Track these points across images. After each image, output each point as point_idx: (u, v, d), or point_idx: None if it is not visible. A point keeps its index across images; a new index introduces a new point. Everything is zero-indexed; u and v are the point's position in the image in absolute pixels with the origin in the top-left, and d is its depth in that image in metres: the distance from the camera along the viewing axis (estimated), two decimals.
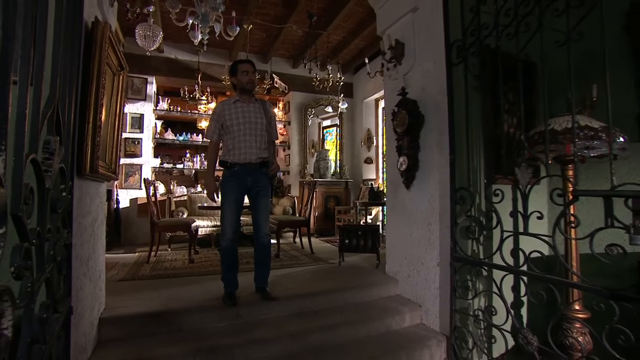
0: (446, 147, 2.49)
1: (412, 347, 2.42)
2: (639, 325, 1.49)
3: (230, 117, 2.62)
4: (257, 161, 2.64)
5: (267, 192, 2.70)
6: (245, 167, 2.60)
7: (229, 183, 2.62)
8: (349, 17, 5.01)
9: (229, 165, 2.63)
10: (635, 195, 1.42)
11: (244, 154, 2.60)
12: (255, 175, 2.64)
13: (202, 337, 2.28)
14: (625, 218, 1.48)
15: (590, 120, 1.97)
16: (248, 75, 2.64)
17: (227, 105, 2.68)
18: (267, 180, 2.71)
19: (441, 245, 2.55)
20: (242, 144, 2.60)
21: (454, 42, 2.48)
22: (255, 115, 2.65)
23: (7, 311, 0.65)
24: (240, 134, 2.60)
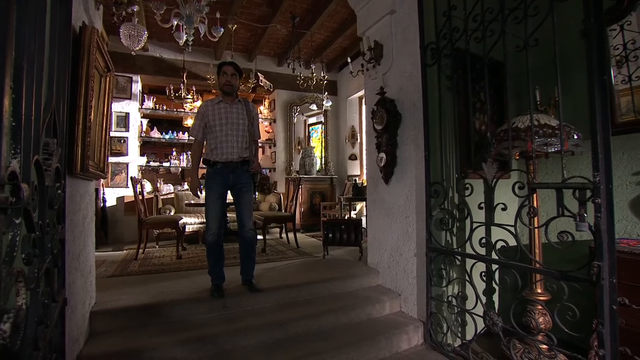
0: (422, 144, 2.64)
1: (391, 332, 2.57)
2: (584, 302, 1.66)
3: (213, 117, 2.73)
4: (239, 160, 2.75)
5: (249, 189, 2.81)
6: (227, 166, 2.72)
7: (212, 180, 2.73)
8: (332, 17, 5.12)
9: (212, 163, 2.73)
10: (580, 187, 1.59)
11: (226, 153, 2.71)
12: (237, 172, 2.75)
13: (191, 327, 2.38)
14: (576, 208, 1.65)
15: (549, 118, 2.14)
16: (225, 76, 2.73)
17: (211, 105, 2.78)
18: (249, 177, 2.83)
19: (418, 236, 2.70)
20: (225, 143, 2.71)
21: (428, 45, 2.63)
22: (237, 116, 2.76)
23: (21, 290, 0.75)
24: (222, 134, 2.71)
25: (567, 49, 2.48)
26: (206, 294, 2.68)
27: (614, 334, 1.51)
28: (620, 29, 2.37)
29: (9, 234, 0.66)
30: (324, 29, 5.53)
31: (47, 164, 1.08)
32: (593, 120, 1.58)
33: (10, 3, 0.62)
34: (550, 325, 2.19)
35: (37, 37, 0.98)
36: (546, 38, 1.85)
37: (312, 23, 5.13)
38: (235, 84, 2.79)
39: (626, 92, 2.38)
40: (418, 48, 2.70)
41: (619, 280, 1.79)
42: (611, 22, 2.33)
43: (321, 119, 7.29)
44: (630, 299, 1.79)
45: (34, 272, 0.89)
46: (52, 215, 1.28)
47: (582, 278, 1.65)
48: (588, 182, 1.60)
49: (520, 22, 1.96)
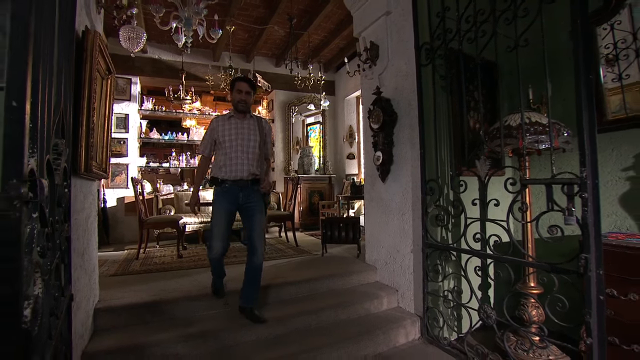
0: (417, 143, 2.70)
1: (388, 327, 2.63)
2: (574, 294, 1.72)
3: (223, 133, 2.58)
4: (249, 178, 2.57)
5: (260, 209, 2.61)
6: (236, 184, 2.54)
7: (220, 200, 2.56)
8: (329, 17, 5.18)
9: (220, 181, 2.56)
10: (568, 182, 1.65)
11: (234, 170, 2.54)
12: (246, 191, 2.57)
13: (193, 324, 2.44)
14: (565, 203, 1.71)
15: (540, 116, 2.20)
16: (240, 94, 2.57)
17: (222, 120, 2.64)
18: (260, 197, 2.64)
19: (414, 233, 2.76)
20: (234, 160, 2.54)
21: (422, 45, 2.69)
22: (248, 132, 2.60)
23: (38, 280, 0.81)
24: (232, 150, 2.55)
25: (557, 49, 2.54)
26: (207, 291, 2.73)
27: (601, 323, 1.57)
28: (610, 28, 2.43)
29: (27, 227, 0.71)
30: (320, 30, 5.59)
31: (57, 163, 1.13)
32: (580, 118, 1.64)
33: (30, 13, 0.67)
34: (543, 318, 2.25)
35: (49, 41, 1.03)
36: (537, 38, 1.91)
37: (309, 24, 5.19)
38: (250, 101, 2.64)
39: (617, 90, 2.44)
40: (413, 48, 2.76)
41: (608, 272, 1.86)
42: (600, 21, 2.39)
43: (319, 118, 7.35)
44: (619, 290, 1.85)
45: (47, 265, 0.95)
46: (60, 213, 1.33)
47: (571, 270, 1.71)
48: (576, 177, 1.66)
49: (511, 23, 2.02)
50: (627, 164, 2.28)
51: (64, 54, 1.35)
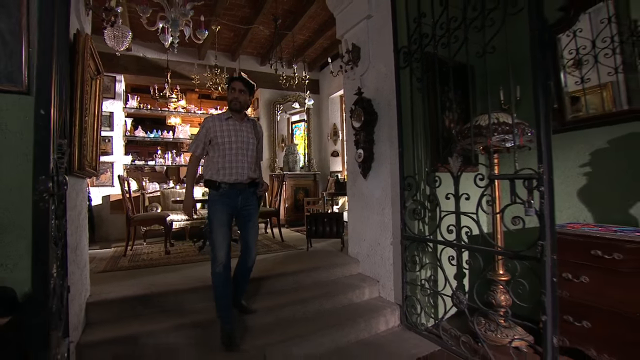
0: (396, 141, 2.86)
1: (370, 315, 2.79)
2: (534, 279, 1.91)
3: (222, 134, 2.48)
4: (247, 181, 2.53)
5: (256, 212, 2.63)
6: (234, 187, 2.47)
7: (218, 204, 2.45)
8: (313, 18, 5.29)
9: (217, 185, 2.46)
10: (528, 177, 1.83)
11: (235, 174, 2.46)
12: (244, 195, 2.53)
13: (184, 315, 2.54)
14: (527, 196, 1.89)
15: (508, 117, 2.38)
16: (234, 93, 2.50)
17: (218, 120, 2.53)
18: (256, 200, 2.65)
19: (393, 226, 2.93)
20: (234, 163, 2.47)
21: (401, 49, 2.85)
22: (247, 135, 2.55)
23: (53, 265, 0.92)
24: (232, 152, 2.46)
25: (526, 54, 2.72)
26: (197, 284, 2.82)
27: (554, 302, 1.76)
28: (573, 35, 2.63)
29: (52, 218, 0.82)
30: (305, 30, 5.70)
31: (61, 162, 1.23)
32: (537, 119, 1.82)
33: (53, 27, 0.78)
34: (510, 302, 2.44)
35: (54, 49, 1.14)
36: (504, 45, 2.07)
37: (294, 24, 5.29)
38: (244, 100, 2.54)
39: (579, 92, 2.64)
40: (392, 52, 2.91)
41: (565, 258, 2.07)
42: (561, 30, 2.59)
43: (304, 116, 7.46)
44: (573, 274, 2.05)
45: (57, 252, 1.06)
46: (61, 209, 1.43)
47: (530, 256, 1.90)
48: (534, 173, 1.85)
49: (480, 31, 2.19)
50: (584, 161, 2.50)
51: (63, 59, 1.45)
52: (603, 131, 2.41)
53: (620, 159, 2.32)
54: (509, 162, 3.11)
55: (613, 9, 2.40)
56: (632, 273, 1.81)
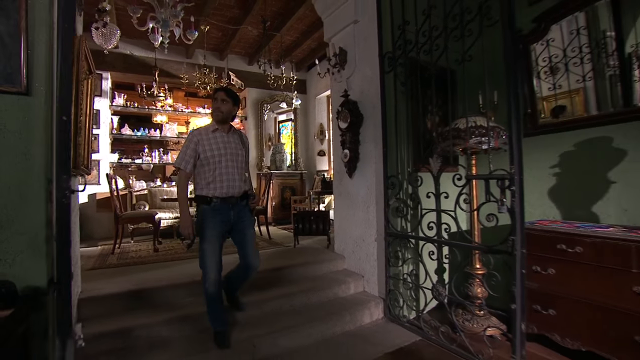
0: (380, 142, 2.99)
1: (354, 308, 2.91)
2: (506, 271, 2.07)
3: (210, 147, 2.39)
4: (240, 194, 2.46)
5: (251, 224, 2.57)
6: (226, 202, 2.38)
7: (210, 220, 2.35)
8: (301, 20, 5.39)
9: (208, 200, 2.37)
10: (501, 177, 1.99)
11: (226, 187, 2.38)
12: (237, 208, 2.45)
13: (175, 309, 2.62)
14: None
15: (484, 120, 2.54)
16: (216, 102, 2.43)
17: (205, 133, 2.44)
18: (249, 212, 2.58)
19: (377, 223, 3.06)
20: (225, 176, 2.39)
21: (385, 54, 2.98)
22: (236, 146, 2.49)
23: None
24: (222, 165, 2.39)
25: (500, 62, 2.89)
26: (187, 279, 2.89)
27: (522, 292, 1.92)
28: (546, 44, 2.81)
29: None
30: (293, 31, 5.79)
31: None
32: (509, 123, 1.98)
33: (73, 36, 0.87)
34: (486, 294, 2.60)
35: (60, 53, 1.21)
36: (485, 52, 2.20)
37: (282, 25, 5.38)
38: (227, 110, 2.45)
39: (552, 98, 2.82)
40: (377, 56, 3.04)
41: (535, 252, 2.24)
42: (535, 40, 2.77)
43: (291, 116, 7.56)
44: (542, 267, 2.22)
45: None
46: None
47: (503, 250, 2.05)
48: (507, 173, 2.00)
49: (459, 40, 2.33)
50: (554, 162, 2.68)
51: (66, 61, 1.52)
52: (571, 135, 2.60)
53: (585, 161, 2.50)
54: (486, 163, 3.28)
55: (584, 21, 2.58)
56: (590, 264, 1.99)
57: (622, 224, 2.23)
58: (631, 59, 2.35)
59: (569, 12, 2.57)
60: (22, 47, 1.72)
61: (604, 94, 2.52)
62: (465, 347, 2.30)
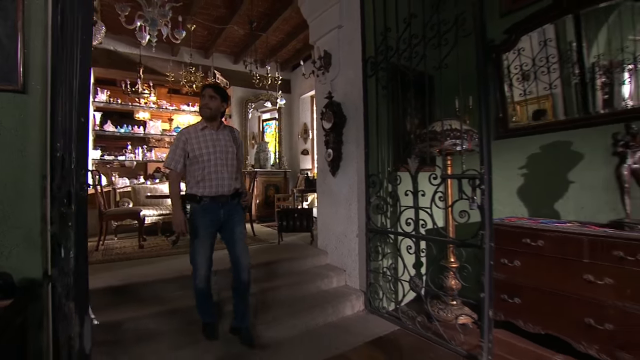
0: (362, 142, 3.14)
1: (337, 301, 3.05)
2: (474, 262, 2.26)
3: (199, 146, 2.37)
4: (230, 192, 2.43)
5: (241, 222, 2.53)
6: (216, 200, 2.37)
7: (199, 219, 2.35)
8: (287, 21, 5.49)
9: (198, 198, 2.36)
10: (472, 177, 2.17)
11: (215, 185, 2.36)
12: (227, 207, 2.42)
13: (162, 303, 2.69)
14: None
15: (459, 124, 2.72)
16: (204, 99, 2.40)
17: (194, 132, 2.41)
18: (241, 210, 2.55)
19: (359, 220, 3.21)
20: (214, 175, 2.37)
21: (368, 58, 3.12)
22: (225, 143, 2.45)
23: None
24: (210, 164, 2.36)
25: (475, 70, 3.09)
26: (175, 275, 2.97)
27: (490, 281, 2.11)
28: (518, 53, 3.01)
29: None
30: (278, 32, 5.89)
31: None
32: (480, 127, 2.16)
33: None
34: (460, 286, 2.80)
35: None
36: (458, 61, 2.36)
37: (268, 26, 5.47)
38: (215, 107, 2.42)
39: (523, 103, 3.03)
40: (360, 60, 3.19)
41: (503, 246, 2.43)
42: (507, 49, 2.96)
43: (275, 115, 7.65)
44: (509, 259, 2.42)
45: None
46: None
47: (474, 244, 2.24)
48: (477, 173, 2.18)
49: (437, 49, 2.50)
50: (522, 164, 2.89)
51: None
52: (538, 138, 2.81)
53: (549, 163, 2.72)
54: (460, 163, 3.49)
55: (553, 33, 2.77)
56: (550, 256, 2.19)
57: (578, 220, 2.45)
58: (594, 68, 2.56)
59: (536, 25, 2.77)
60: (18, 47, 1.78)
61: (570, 100, 2.72)
62: (440, 334, 2.48)
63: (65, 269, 1.41)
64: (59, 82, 1.84)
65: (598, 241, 1.99)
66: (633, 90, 2.33)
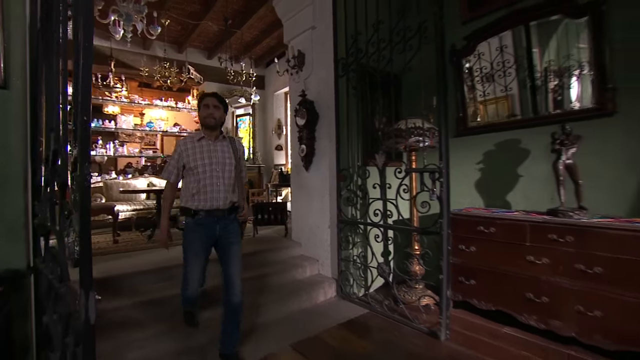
0: (334, 138, 3.32)
1: (311, 288, 3.24)
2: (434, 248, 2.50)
3: (194, 158, 2.27)
4: (226, 207, 2.31)
5: (238, 240, 2.36)
6: (211, 215, 2.25)
7: (194, 234, 2.26)
8: (262, 19, 5.58)
9: (193, 212, 2.26)
10: (432, 170, 2.40)
11: (210, 199, 2.25)
12: (223, 222, 2.29)
13: (141, 294, 2.77)
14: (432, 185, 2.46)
15: (423, 122, 2.95)
16: (207, 109, 2.30)
17: (190, 143, 2.32)
18: (237, 226, 2.40)
19: (331, 212, 3.40)
20: (209, 187, 2.26)
21: (340, 60, 3.30)
22: (223, 155, 2.33)
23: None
24: (205, 176, 2.26)
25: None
26: (152, 267, 3.05)
27: (448, 264, 2.36)
28: (478, 57, 3.26)
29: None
30: (253, 29, 5.96)
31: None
32: (439, 126, 2.39)
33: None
34: (424, 272, 3.04)
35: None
36: (425, 63, 2.57)
37: (243, 23, 5.54)
38: (219, 116, 2.34)
39: (482, 103, 3.29)
40: (332, 61, 3.36)
41: (461, 234, 2.69)
42: (467, 54, 3.22)
43: (249, 110, 7.72)
44: (466, 245, 2.68)
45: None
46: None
47: (434, 232, 2.48)
48: (437, 167, 2.41)
49: (402, 53, 2.72)
50: (480, 159, 3.18)
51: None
52: (493, 136, 3.09)
53: (502, 159, 3.02)
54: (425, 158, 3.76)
55: (510, 40, 3.02)
56: (500, 241, 2.47)
57: (525, 209, 2.75)
58: (547, 73, 2.81)
59: (492, 33, 3.03)
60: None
61: (524, 102, 2.98)
62: (405, 315, 2.72)
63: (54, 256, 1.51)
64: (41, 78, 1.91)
65: (537, 227, 2.28)
66: (580, 93, 2.61)
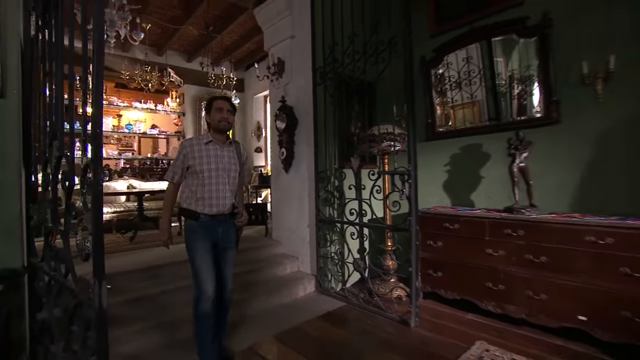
0: (312, 143, 3.52)
1: (291, 284, 3.42)
2: (405, 244, 2.74)
3: (200, 161, 2.23)
4: (229, 211, 2.33)
5: (234, 245, 2.43)
6: (215, 218, 2.26)
7: (197, 235, 2.25)
8: (242, 25, 5.71)
9: (197, 215, 2.24)
10: (402, 172, 2.64)
11: (216, 205, 2.25)
12: (225, 226, 2.32)
13: (129, 292, 2.87)
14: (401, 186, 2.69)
15: (395, 128, 3.19)
16: (222, 112, 2.27)
17: (197, 145, 2.27)
18: (235, 231, 2.44)
19: (310, 212, 3.60)
20: (214, 194, 2.25)
21: (317, 68, 3.50)
22: (229, 161, 2.33)
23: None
24: (212, 181, 2.25)
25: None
26: (133, 267, 3.13)
27: (417, 258, 2.60)
28: (447, 67, 3.53)
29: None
30: (233, 34, 6.09)
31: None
32: (408, 132, 2.63)
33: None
34: (396, 266, 3.29)
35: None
36: (394, 75, 2.80)
37: (224, 28, 5.66)
38: (232, 122, 2.35)
39: (450, 109, 3.57)
40: (311, 69, 3.55)
41: (429, 230, 2.94)
42: (435, 65, 3.50)
43: None
44: (434, 241, 2.93)
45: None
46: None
47: (404, 228, 2.71)
48: (406, 170, 2.65)
49: (375, 64, 2.95)
50: (446, 162, 3.45)
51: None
52: (458, 141, 3.37)
53: (466, 162, 3.30)
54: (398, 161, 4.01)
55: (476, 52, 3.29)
56: (463, 237, 2.74)
57: (487, 207, 3.03)
58: (511, 82, 3.07)
59: (457, 47, 3.32)
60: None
61: (489, 108, 3.24)
62: (379, 306, 2.94)
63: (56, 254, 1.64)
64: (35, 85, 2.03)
65: (495, 223, 2.55)
66: (538, 102, 2.87)
